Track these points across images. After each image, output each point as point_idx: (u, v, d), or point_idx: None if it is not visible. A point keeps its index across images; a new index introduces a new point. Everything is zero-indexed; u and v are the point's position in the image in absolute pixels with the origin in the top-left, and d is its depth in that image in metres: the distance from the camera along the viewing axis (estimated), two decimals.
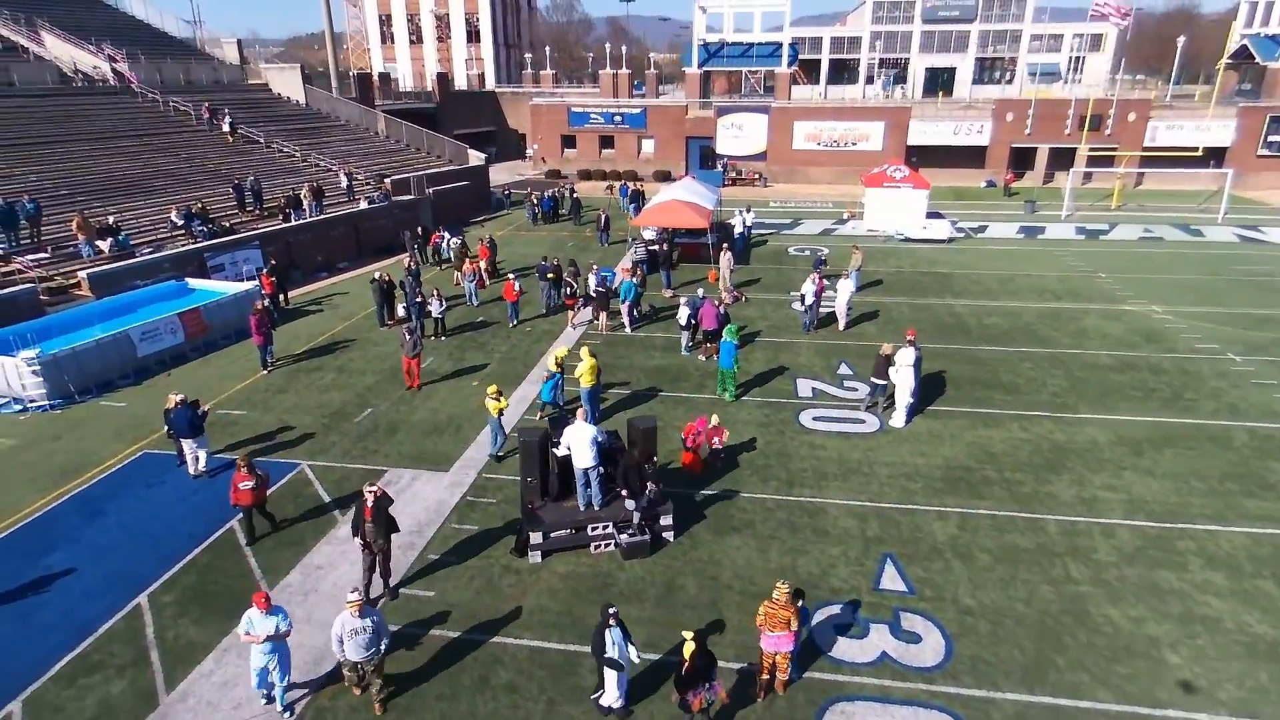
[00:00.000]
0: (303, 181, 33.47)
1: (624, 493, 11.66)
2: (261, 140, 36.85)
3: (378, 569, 10.75)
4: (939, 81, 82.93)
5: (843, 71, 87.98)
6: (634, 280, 22.16)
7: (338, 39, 58.78)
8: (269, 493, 12.48)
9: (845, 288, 21.42)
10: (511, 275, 22.86)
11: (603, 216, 34.12)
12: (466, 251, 27.06)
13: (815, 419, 16.36)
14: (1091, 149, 43.36)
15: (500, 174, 53.78)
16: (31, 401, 17.08)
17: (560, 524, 11.69)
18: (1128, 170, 42.23)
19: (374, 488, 10.53)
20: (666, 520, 12.03)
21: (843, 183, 49.72)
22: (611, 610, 8.37)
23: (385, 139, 44.27)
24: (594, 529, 11.79)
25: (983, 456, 14.70)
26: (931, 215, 34.63)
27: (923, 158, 49.26)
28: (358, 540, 10.58)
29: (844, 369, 19.07)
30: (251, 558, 11.81)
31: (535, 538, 11.57)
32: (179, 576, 11.38)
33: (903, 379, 15.74)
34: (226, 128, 35.88)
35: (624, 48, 66.61)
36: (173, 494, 13.70)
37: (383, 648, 8.71)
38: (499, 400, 14.54)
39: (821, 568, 11.46)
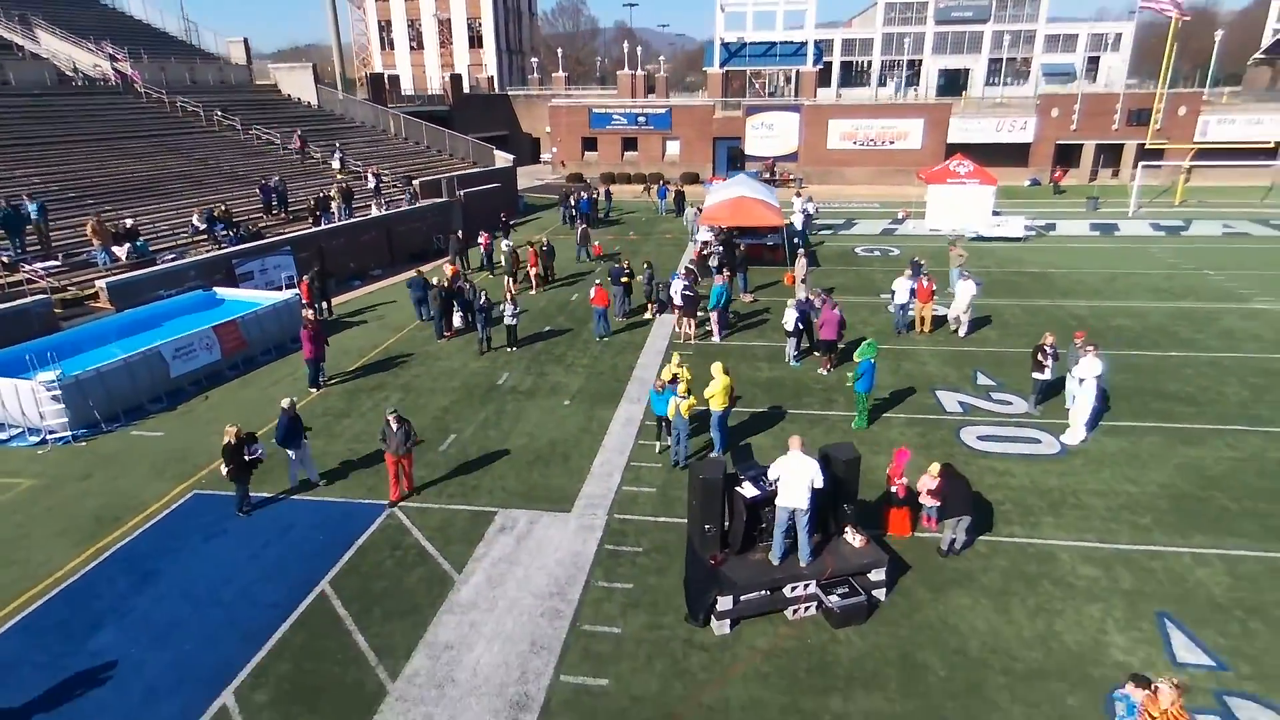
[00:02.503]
0: (325, 184, 30.99)
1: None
2: (278, 141, 34.28)
3: None
4: (952, 83, 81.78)
5: (853, 73, 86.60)
6: (724, 284, 19.79)
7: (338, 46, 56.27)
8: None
9: (965, 290, 19.07)
10: (599, 281, 20.41)
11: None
12: (518, 259, 24.57)
13: (981, 438, 13.98)
14: (1151, 144, 41.41)
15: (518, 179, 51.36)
16: (52, 433, 14.43)
17: (754, 584, 9.23)
18: (1182, 165, 40.15)
19: None
20: (878, 575, 9.59)
21: (880, 182, 47.68)
22: None
23: (404, 140, 41.77)
24: (793, 589, 9.34)
25: (1202, 481, 12.36)
26: (995, 213, 32.55)
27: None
28: None
29: (983, 379, 16.72)
30: (359, 634, 9.26)
31: (724, 603, 9.10)
32: (270, 663, 8.81)
33: (1086, 393, 13.43)
34: (337, 165, 32.56)
35: (639, 49, 64.50)
36: (238, 548, 11.11)
37: None
38: (689, 398, 12.38)
39: (1089, 634, 9.04)
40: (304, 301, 20.76)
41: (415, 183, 33.07)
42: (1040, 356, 14.30)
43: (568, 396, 16.24)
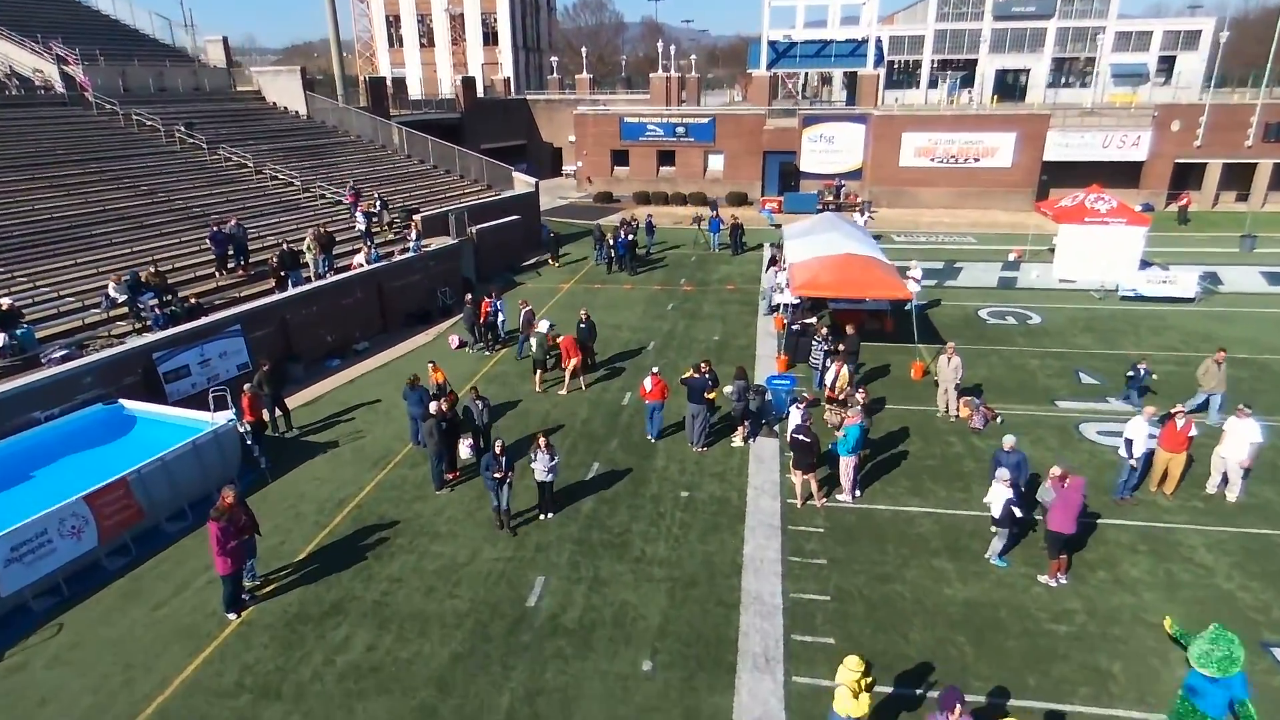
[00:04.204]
0: (304, 221, 24.72)
1: None
2: (250, 164, 28.02)
3: None
4: (1004, 84, 75.11)
5: (895, 74, 79.51)
6: (864, 421, 13.19)
7: (342, 43, 50.03)
8: None
9: (1247, 432, 12.38)
10: (656, 369, 14.44)
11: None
12: (555, 338, 18.12)
13: None
14: None
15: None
16: None
17: None
18: None
19: None
20: None
21: (961, 206, 40.91)
22: None
23: (406, 158, 35.46)
24: None
25: None
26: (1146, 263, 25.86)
27: (1058, 176, 40.46)
28: None
29: None
30: None
31: None
32: None
33: None
34: (360, 223, 24.85)
35: (673, 48, 57.79)
36: None
37: None
38: None
39: None
40: (246, 420, 14.45)
41: (417, 218, 26.69)
42: None
43: (645, 649, 9.74)
